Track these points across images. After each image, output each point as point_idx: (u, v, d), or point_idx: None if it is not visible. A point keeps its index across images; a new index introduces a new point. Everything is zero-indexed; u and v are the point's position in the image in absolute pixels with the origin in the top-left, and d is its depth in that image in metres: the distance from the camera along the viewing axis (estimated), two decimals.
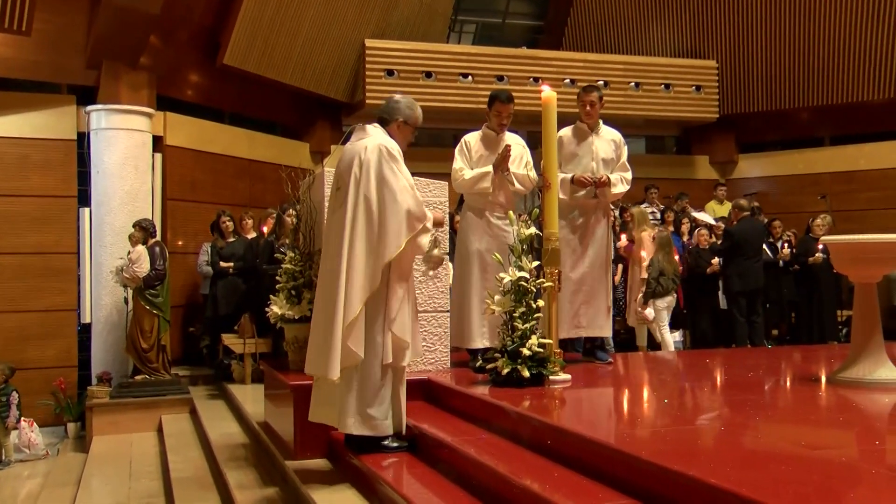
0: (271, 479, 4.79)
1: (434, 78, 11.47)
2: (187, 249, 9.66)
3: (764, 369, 5.96)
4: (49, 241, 8.87)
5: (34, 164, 8.84)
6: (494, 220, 5.57)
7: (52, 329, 8.84)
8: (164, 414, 7.75)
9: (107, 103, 8.79)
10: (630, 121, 12.72)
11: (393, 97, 4.36)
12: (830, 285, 9.23)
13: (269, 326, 6.59)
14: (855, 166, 12.00)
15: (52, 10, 8.58)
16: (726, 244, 8.71)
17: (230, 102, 10.71)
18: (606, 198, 5.74)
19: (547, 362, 4.68)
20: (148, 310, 7.91)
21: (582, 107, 5.73)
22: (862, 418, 4.01)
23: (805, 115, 12.51)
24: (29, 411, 8.22)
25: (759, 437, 3.56)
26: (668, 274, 8.45)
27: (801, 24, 11.84)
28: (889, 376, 4.61)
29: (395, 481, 3.75)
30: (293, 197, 5.78)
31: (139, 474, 6.22)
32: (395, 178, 4.01)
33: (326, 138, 11.60)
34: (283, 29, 10.29)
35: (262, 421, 5.84)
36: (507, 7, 13.77)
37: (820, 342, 8.92)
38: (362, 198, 3.98)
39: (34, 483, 7.02)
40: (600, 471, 3.16)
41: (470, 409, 4.47)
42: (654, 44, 13.01)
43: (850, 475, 2.82)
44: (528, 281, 4.69)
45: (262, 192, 10.42)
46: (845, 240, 4.83)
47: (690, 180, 12.86)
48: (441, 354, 5.42)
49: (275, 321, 5.41)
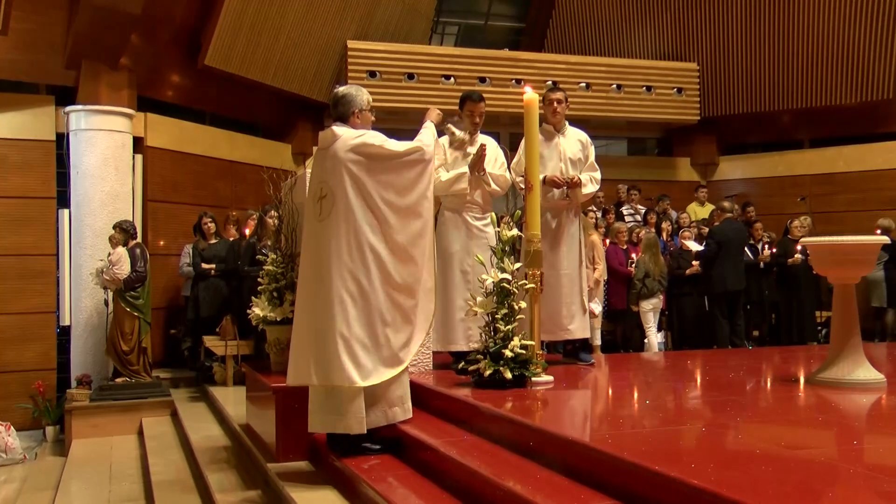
0: (253, 481, 4.77)
1: (416, 79, 11.47)
2: (168, 251, 9.59)
3: (745, 370, 6.00)
4: (28, 243, 8.76)
5: (12, 165, 8.74)
6: (472, 220, 5.58)
7: (31, 331, 8.73)
8: (144, 417, 7.69)
9: (86, 104, 8.70)
10: (612, 123, 12.81)
11: (336, 92, 4.35)
12: (809, 286, 9.31)
13: (251, 328, 6.56)
14: (834, 168, 12.12)
15: (29, 9, 8.47)
16: (712, 245, 8.71)
17: (211, 103, 10.65)
18: (577, 198, 5.74)
19: (529, 364, 4.69)
20: (128, 312, 7.84)
21: (548, 106, 5.75)
22: (840, 418, 4.05)
23: (785, 118, 12.62)
24: (6, 415, 8.12)
25: (739, 437, 3.59)
26: (653, 275, 8.49)
27: (781, 28, 11.95)
28: (867, 377, 4.66)
29: (377, 483, 3.75)
30: (275, 198, 5.76)
31: (119, 478, 6.16)
32: (389, 149, 4.12)
33: (308, 139, 11.55)
34: (264, 30, 10.25)
35: (243, 423, 5.81)
36: (489, 9, 13.80)
37: (799, 343, 9.00)
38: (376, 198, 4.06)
39: (11, 488, 6.92)
40: (583, 472, 3.17)
41: (453, 411, 4.47)
42: (636, 46, 13.08)
43: (829, 474, 2.85)
44: (510, 282, 4.70)
45: (244, 194, 10.37)
46: (825, 241, 4.88)
47: (672, 182, 12.95)
48: (424, 356, 5.42)
49: (256, 323, 5.39)
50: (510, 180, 5.64)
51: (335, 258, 3.98)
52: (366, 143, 4.08)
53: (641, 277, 8.48)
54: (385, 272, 4.04)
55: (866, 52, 11.42)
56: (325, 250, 4.03)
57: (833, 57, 11.68)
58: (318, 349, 4.00)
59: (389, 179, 4.10)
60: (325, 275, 4.01)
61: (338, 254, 3.99)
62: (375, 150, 4.08)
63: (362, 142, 4.08)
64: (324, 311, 3.99)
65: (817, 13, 11.65)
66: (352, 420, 4.05)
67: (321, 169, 4.19)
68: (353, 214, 4.01)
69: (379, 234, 4.04)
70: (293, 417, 4.58)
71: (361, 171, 4.04)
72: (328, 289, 3.98)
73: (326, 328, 3.97)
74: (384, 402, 4.16)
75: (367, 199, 4.04)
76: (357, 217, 4.01)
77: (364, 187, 4.03)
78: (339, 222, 4.01)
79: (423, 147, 4.24)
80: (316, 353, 4.01)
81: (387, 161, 4.10)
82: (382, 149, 4.10)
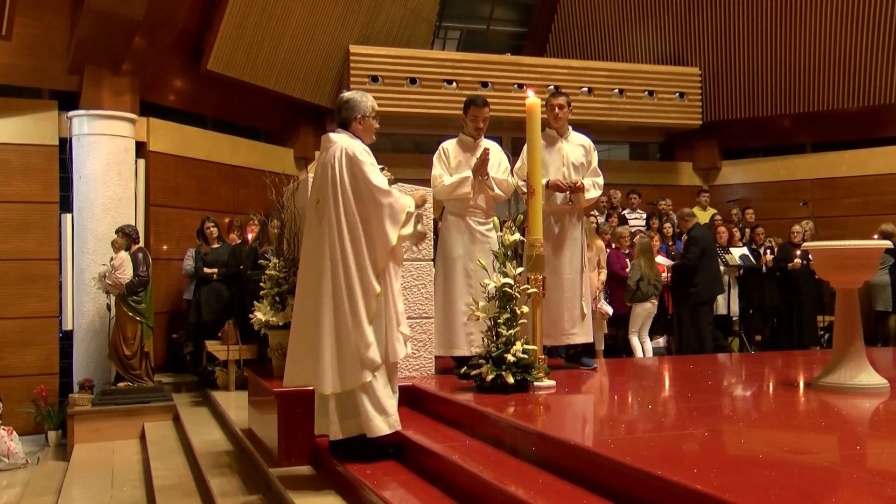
0: (255, 486, 4.76)
1: (418, 84, 11.49)
2: (171, 255, 9.60)
3: (747, 375, 5.99)
4: (30, 247, 8.78)
5: (15, 170, 8.76)
6: (475, 224, 5.59)
7: (33, 336, 8.74)
8: (147, 421, 7.69)
9: (89, 108, 8.73)
10: (614, 127, 12.82)
11: (341, 97, 4.34)
12: (810, 291, 9.31)
13: (253, 333, 6.56)
14: (836, 173, 12.13)
15: (33, 15, 8.51)
16: (696, 251, 8.47)
17: (214, 108, 10.67)
18: (580, 203, 5.75)
19: (531, 368, 4.68)
20: (131, 316, 7.84)
21: (550, 111, 5.76)
22: (843, 423, 4.04)
23: (787, 123, 12.64)
24: (8, 419, 8.13)
25: (742, 442, 3.59)
26: (648, 279, 8.47)
27: (783, 33, 11.97)
28: (870, 381, 4.65)
29: (379, 488, 3.74)
30: (277, 203, 5.76)
31: (121, 482, 6.16)
32: (368, 178, 4.04)
33: (310, 144, 11.58)
34: (267, 34, 10.27)
35: (245, 428, 5.81)
36: (491, 14, 13.82)
37: (800, 347, 8.99)
38: (342, 209, 4.02)
39: (13, 493, 6.92)
40: (585, 476, 3.16)
41: (455, 416, 4.47)
42: (638, 51, 13.10)
43: (832, 479, 2.84)
44: (512, 287, 4.70)
45: (246, 198, 10.38)
46: (827, 246, 4.87)
47: (674, 186, 12.96)
48: (426, 361, 5.41)
49: (259, 327, 5.39)
50: (513, 185, 5.64)
51: (326, 262, 4.02)
52: (354, 159, 4.07)
53: (636, 280, 8.47)
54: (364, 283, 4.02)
55: (867, 57, 11.43)
56: (319, 254, 4.08)
57: (834, 62, 11.70)
58: (314, 354, 4.03)
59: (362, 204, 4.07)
60: (319, 278, 4.04)
61: (328, 258, 4.02)
62: (358, 169, 4.06)
63: (351, 157, 4.08)
64: (316, 315, 4.02)
65: (819, 18, 11.66)
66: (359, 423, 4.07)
67: (317, 173, 4.24)
68: (334, 222, 4.03)
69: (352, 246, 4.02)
70: (295, 422, 4.58)
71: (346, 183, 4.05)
72: (320, 293, 4.02)
73: (319, 332, 3.99)
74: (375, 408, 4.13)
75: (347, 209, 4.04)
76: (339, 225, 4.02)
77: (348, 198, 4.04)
78: (331, 227, 4.04)
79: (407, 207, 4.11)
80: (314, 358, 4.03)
81: (362, 185, 4.05)
82: (362, 171, 4.06)
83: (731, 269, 9.27)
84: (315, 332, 4.02)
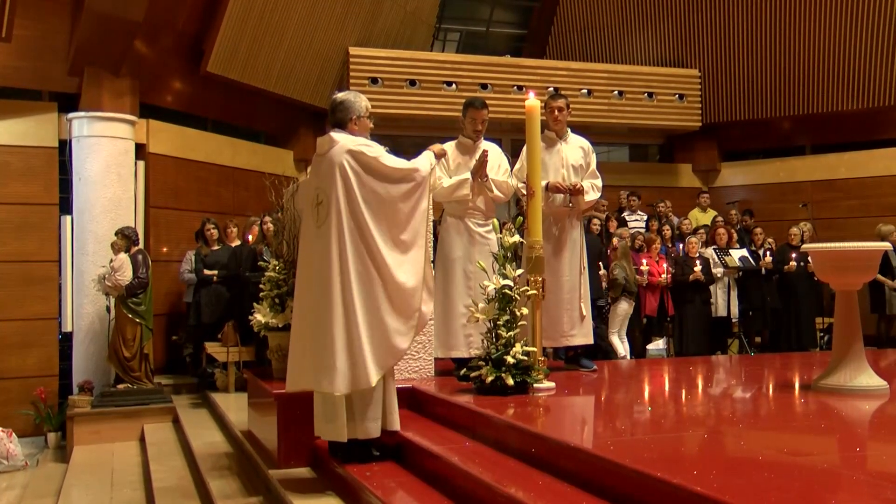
0: (255, 488, 4.76)
1: (418, 86, 11.49)
2: (170, 257, 9.60)
3: (746, 377, 5.99)
4: (30, 249, 8.78)
5: (15, 172, 8.75)
6: (474, 226, 5.58)
7: (33, 338, 8.73)
8: (146, 423, 7.68)
9: (89, 110, 8.73)
10: (613, 129, 12.84)
11: (335, 98, 4.33)
12: (808, 293, 9.31)
13: (253, 335, 6.56)
14: (835, 175, 12.13)
15: (32, 17, 8.51)
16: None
17: (213, 110, 10.67)
18: (579, 206, 5.75)
19: (531, 370, 4.68)
20: (130, 318, 7.84)
21: (549, 113, 5.76)
22: (843, 425, 4.04)
23: (786, 124, 12.64)
24: (8, 421, 8.11)
25: (742, 444, 3.59)
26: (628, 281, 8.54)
27: (783, 35, 11.97)
28: (869, 383, 4.66)
29: (379, 490, 3.74)
30: (277, 205, 5.76)
31: (121, 484, 6.16)
32: (384, 164, 4.08)
33: (310, 146, 11.54)
34: (266, 36, 10.27)
35: (245, 430, 5.80)
36: (490, 15, 13.82)
37: (798, 349, 8.99)
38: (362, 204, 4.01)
39: (12, 495, 6.92)
40: (585, 478, 3.16)
41: (454, 417, 4.47)
42: (637, 53, 13.10)
43: (832, 481, 2.84)
44: (512, 289, 4.70)
45: (246, 200, 10.38)
46: (827, 248, 4.87)
47: (673, 188, 12.96)
48: (425, 362, 5.41)
49: (258, 329, 5.39)
50: (513, 187, 5.64)
51: (331, 264, 3.97)
52: (364, 153, 4.06)
53: (613, 279, 8.53)
54: (372, 283, 4.00)
55: (867, 59, 11.44)
56: (322, 256, 4.03)
57: (834, 64, 11.70)
58: (317, 356, 3.99)
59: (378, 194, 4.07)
60: (322, 281, 4.00)
61: (333, 260, 3.97)
62: (371, 161, 4.06)
63: (360, 150, 4.06)
64: (321, 317, 3.97)
65: (818, 20, 11.67)
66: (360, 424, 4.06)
67: (317, 175, 4.19)
68: (343, 222, 3.99)
69: (363, 246, 4.01)
70: (295, 424, 4.58)
71: (355, 180, 4.02)
72: (325, 296, 3.97)
73: (323, 335, 3.95)
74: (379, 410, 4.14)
75: (355, 207, 4.00)
76: (347, 225, 3.99)
77: (355, 196, 4.01)
78: (334, 228, 3.99)
79: (417, 168, 4.19)
80: (315, 360, 4.00)
81: (379, 176, 4.05)
82: (377, 161, 4.06)
83: (731, 270, 9.27)
84: (322, 333, 3.96)
